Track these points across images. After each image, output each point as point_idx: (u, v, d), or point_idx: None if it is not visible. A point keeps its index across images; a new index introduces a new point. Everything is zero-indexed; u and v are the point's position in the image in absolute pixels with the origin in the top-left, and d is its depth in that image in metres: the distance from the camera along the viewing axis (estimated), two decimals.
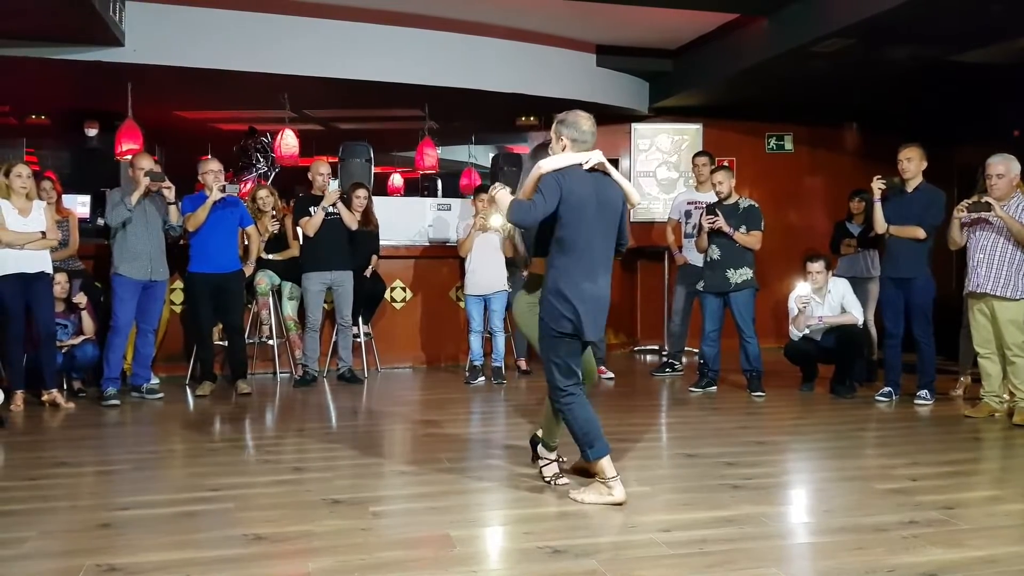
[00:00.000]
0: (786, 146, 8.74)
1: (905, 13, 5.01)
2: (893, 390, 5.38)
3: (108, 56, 6.11)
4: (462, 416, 5.13)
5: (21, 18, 5.47)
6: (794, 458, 4.15)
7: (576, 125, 3.30)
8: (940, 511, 3.13)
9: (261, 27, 6.44)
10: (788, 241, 7.95)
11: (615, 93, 7.91)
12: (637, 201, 3.47)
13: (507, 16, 6.81)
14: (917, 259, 5.16)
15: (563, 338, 3.25)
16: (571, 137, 3.31)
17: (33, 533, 2.89)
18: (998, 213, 4.68)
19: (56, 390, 5.07)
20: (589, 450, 3.26)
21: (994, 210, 4.67)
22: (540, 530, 2.92)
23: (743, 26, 6.57)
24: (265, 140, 8.88)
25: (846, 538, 2.87)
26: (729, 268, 5.57)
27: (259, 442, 4.52)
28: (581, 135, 3.30)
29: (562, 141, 3.33)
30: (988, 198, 4.72)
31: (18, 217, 4.87)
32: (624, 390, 6.05)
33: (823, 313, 5.59)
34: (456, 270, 6.77)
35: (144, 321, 5.39)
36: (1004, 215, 4.69)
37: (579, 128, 3.30)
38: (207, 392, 5.53)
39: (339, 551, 2.72)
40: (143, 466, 3.88)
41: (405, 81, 6.90)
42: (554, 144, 3.36)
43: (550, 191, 3.17)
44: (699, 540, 2.83)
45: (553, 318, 3.23)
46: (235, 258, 5.61)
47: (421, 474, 3.69)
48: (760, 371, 5.62)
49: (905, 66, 6.41)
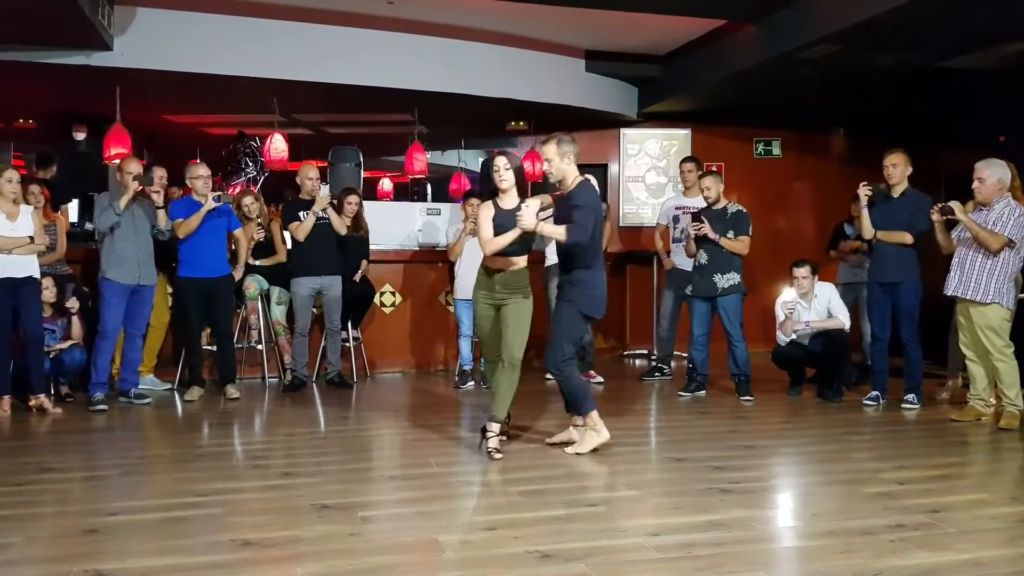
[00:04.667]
0: (774, 151, 8.80)
1: (891, 19, 5.07)
2: (880, 394, 5.42)
3: (96, 60, 6.09)
4: (451, 420, 5.13)
5: (8, 21, 5.44)
6: (782, 462, 4.17)
7: (575, 142, 4.05)
8: (927, 515, 3.16)
9: (250, 31, 6.43)
10: (776, 246, 8.00)
11: (604, 98, 7.95)
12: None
13: (496, 21, 6.83)
14: (904, 263, 5.21)
15: (588, 320, 4.15)
16: (575, 152, 4.05)
17: (19, 539, 2.87)
18: (959, 216, 4.73)
19: (44, 395, 5.03)
20: (586, 403, 4.08)
21: (955, 212, 4.73)
22: (529, 534, 2.93)
23: (731, 32, 6.62)
24: (254, 144, 8.87)
25: (833, 541, 2.89)
26: (717, 273, 5.60)
27: (248, 447, 4.50)
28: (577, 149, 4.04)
29: (568, 157, 4.03)
30: (953, 203, 4.78)
31: (5, 222, 4.84)
32: (613, 394, 6.06)
33: (810, 318, 5.63)
34: (445, 275, 6.78)
35: (132, 326, 5.36)
36: (965, 218, 4.74)
37: (576, 144, 4.05)
38: (196, 397, 5.50)
39: (328, 556, 2.72)
40: (131, 471, 3.85)
41: (395, 86, 6.91)
42: (562, 162, 4.03)
43: (594, 211, 3.95)
44: (687, 544, 2.84)
45: (595, 306, 4.08)
46: (224, 263, 5.59)
47: (410, 479, 3.69)
48: (748, 375, 5.65)
49: (892, 72, 6.47)
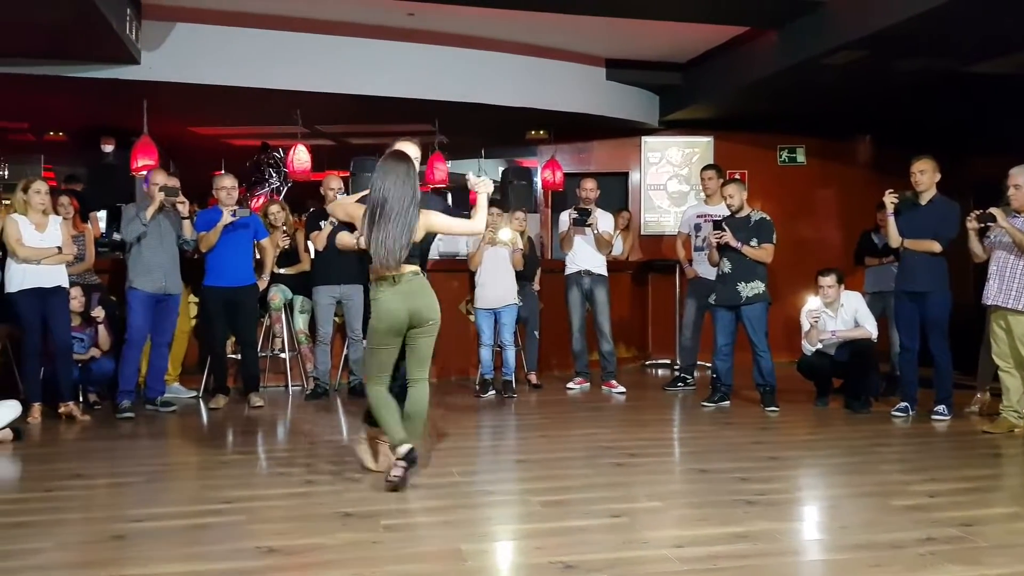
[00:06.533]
0: (798, 158, 8.72)
1: (916, 25, 5.01)
2: (909, 405, 5.32)
3: (124, 74, 6.21)
4: (472, 429, 5.12)
5: (40, 37, 5.57)
6: (808, 474, 4.11)
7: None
8: (958, 528, 3.08)
9: (274, 44, 6.52)
10: (801, 254, 7.91)
11: (624, 106, 7.93)
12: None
13: (516, 31, 6.85)
14: (932, 273, 5.12)
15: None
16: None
17: (49, 544, 2.90)
18: (1001, 223, 4.65)
19: (72, 402, 5.10)
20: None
21: (998, 220, 4.65)
22: (552, 545, 2.90)
23: (753, 39, 6.59)
24: (278, 155, 8.97)
25: (862, 555, 2.83)
26: (740, 281, 5.55)
27: (271, 455, 4.53)
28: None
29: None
30: (994, 209, 4.70)
31: (35, 232, 4.93)
32: (635, 404, 6.02)
33: (836, 327, 5.55)
34: (466, 284, 6.77)
35: (158, 334, 5.42)
36: (1007, 225, 4.66)
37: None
38: (220, 405, 5.55)
39: (351, 564, 2.71)
40: (156, 478, 3.89)
41: (416, 96, 6.96)
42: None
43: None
44: (712, 556, 2.80)
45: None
46: (249, 273, 5.64)
47: (432, 487, 3.68)
48: (773, 386, 5.58)
49: (918, 78, 6.39)
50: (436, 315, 3.61)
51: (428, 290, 3.61)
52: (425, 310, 3.56)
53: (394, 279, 3.54)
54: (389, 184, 3.50)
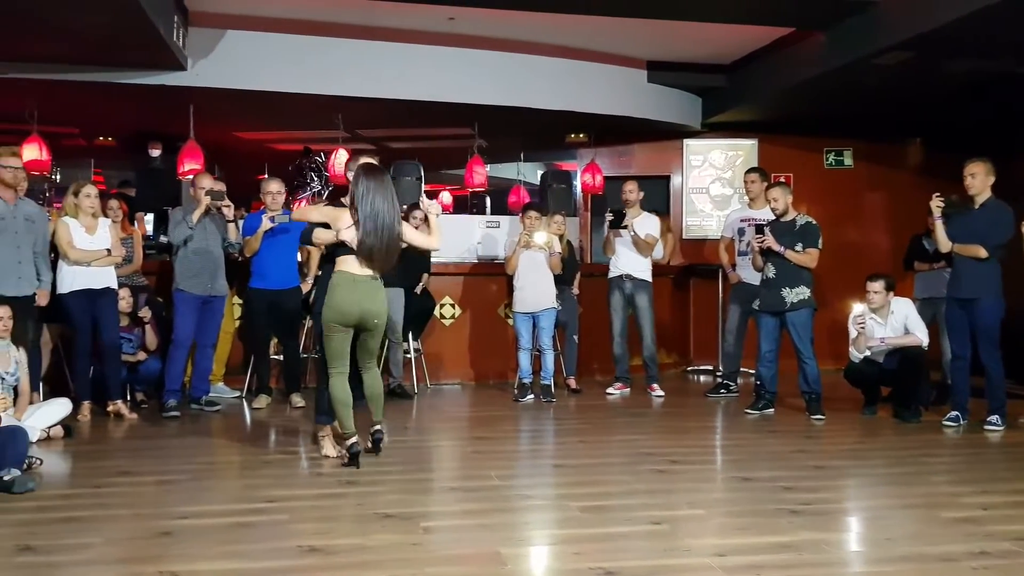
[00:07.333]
0: (845, 161, 8.55)
1: (966, 25, 4.87)
2: (961, 415, 5.16)
3: (172, 80, 6.35)
4: (511, 433, 5.11)
5: (90, 45, 5.73)
6: (855, 484, 4.00)
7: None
8: (1013, 542, 2.97)
9: (317, 50, 6.61)
10: (848, 259, 7.74)
11: (666, 109, 7.86)
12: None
13: (556, 34, 6.84)
14: (982, 279, 4.96)
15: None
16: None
17: (98, 540, 2.97)
18: None
19: (120, 401, 5.23)
20: (321, 417, 4.27)
21: None
22: (591, 550, 2.87)
23: (799, 40, 6.47)
24: (319, 159, 9.08)
25: (910, 567, 2.75)
26: (785, 287, 5.44)
27: (312, 455, 4.57)
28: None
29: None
30: None
31: (85, 235, 5.06)
32: (677, 411, 5.95)
33: (886, 334, 5.41)
34: (504, 287, 6.78)
35: (203, 335, 5.52)
36: None
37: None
38: (263, 405, 5.63)
39: (390, 565, 2.73)
40: (201, 476, 3.96)
41: (456, 100, 6.99)
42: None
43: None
44: (755, 566, 2.74)
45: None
46: (293, 275, 5.72)
47: (471, 491, 3.68)
48: (819, 393, 5.46)
49: (967, 79, 6.21)
50: (384, 317, 4.02)
51: (382, 295, 4.00)
52: (376, 315, 3.94)
53: (355, 279, 3.87)
54: (379, 200, 3.89)
